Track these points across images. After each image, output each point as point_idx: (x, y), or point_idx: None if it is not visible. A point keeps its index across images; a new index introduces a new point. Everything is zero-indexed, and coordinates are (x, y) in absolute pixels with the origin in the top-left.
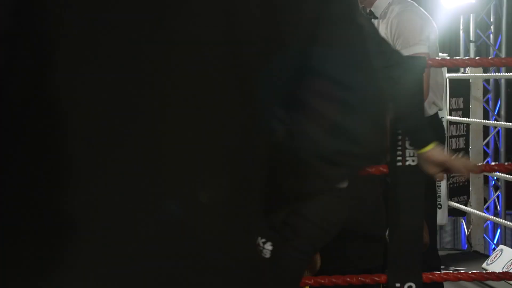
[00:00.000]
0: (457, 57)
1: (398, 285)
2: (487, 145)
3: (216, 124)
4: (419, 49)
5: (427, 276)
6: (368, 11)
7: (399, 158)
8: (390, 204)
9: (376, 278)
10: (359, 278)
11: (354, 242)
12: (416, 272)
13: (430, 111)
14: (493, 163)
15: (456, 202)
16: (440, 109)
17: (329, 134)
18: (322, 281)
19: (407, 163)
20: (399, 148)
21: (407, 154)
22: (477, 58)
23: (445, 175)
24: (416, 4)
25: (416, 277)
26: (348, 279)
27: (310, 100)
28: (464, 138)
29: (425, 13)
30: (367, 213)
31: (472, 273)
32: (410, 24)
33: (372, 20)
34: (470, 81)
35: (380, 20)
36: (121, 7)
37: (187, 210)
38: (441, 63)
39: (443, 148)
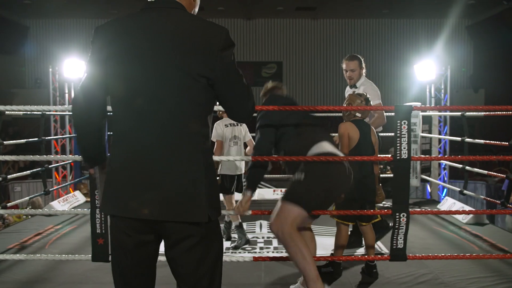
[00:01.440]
0: (426, 105)
1: (397, 214)
2: (440, 147)
3: None
4: (378, 102)
5: (413, 211)
6: (353, 85)
7: (398, 154)
8: (394, 176)
9: (384, 211)
10: (371, 211)
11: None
12: (406, 208)
13: (379, 129)
14: (441, 156)
15: (425, 175)
16: (381, 130)
17: None
18: (347, 212)
19: (402, 157)
20: (398, 149)
21: (403, 153)
22: (435, 106)
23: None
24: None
25: (406, 210)
26: (365, 211)
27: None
28: (429, 144)
29: (376, 87)
30: (365, 190)
31: (432, 210)
32: (374, 92)
33: (353, 88)
34: (432, 116)
35: (356, 88)
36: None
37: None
38: (419, 108)
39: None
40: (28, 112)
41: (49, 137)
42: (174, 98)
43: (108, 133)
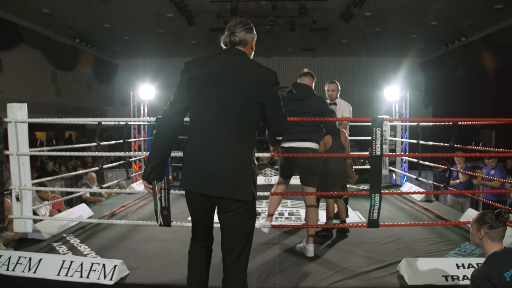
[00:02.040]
0: (393, 117)
1: (373, 194)
2: (402, 147)
3: None
4: (349, 114)
5: (384, 192)
6: (333, 101)
7: (373, 151)
8: (371, 167)
9: (363, 192)
10: (354, 192)
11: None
12: (379, 190)
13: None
14: (402, 153)
15: (391, 167)
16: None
17: None
18: (333, 193)
19: (377, 153)
20: (373, 148)
21: (377, 151)
22: (399, 118)
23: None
24: (346, 101)
25: (379, 192)
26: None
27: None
28: (394, 145)
29: (349, 104)
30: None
31: (396, 192)
32: (347, 106)
33: (332, 105)
34: (396, 125)
35: (334, 105)
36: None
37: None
38: (388, 119)
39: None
40: (116, 123)
41: (130, 140)
42: (238, 112)
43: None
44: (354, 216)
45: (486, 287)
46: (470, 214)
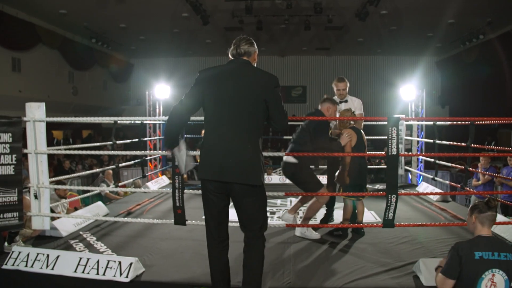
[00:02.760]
0: (409, 117)
1: (389, 195)
2: (418, 147)
3: None
4: (360, 112)
5: (400, 193)
6: (343, 99)
7: (389, 151)
8: (387, 167)
9: (380, 193)
10: (370, 193)
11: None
12: (395, 190)
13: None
14: (419, 153)
15: (407, 166)
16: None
17: None
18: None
19: (393, 153)
20: (389, 147)
21: (393, 151)
22: (415, 117)
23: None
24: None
25: (395, 192)
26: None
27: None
28: (410, 144)
29: (358, 98)
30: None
31: (412, 192)
32: (359, 103)
33: (342, 102)
34: (412, 124)
35: (345, 103)
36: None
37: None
38: (404, 118)
39: None
40: (132, 122)
41: (145, 139)
42: (246, 111)
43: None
44: (369, 216)
45: (452, 257)
46: None
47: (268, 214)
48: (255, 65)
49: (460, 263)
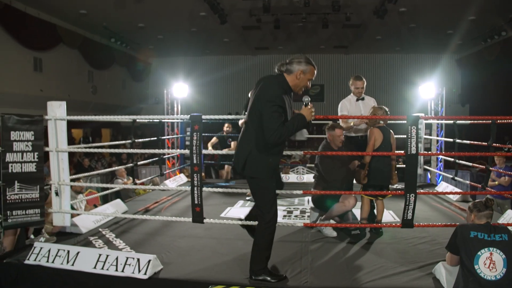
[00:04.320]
0: (428, 115)
1: (408, 194)
2: (437, 146)
3: None
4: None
5: (419, 192)
6: (360, 98)
7: (408, 150)
8: (406, 166)
9: (398, 192)
10: (389, 192)
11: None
12: (414, 190)
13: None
14: (438, 152)
15: (426, 166)
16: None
17: None
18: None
19: (412, 152)
20: (408, 146)
21: (412, 150)
22: (435, 116)
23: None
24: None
25: (414, 192)
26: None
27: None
28: (429, 144)
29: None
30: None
31: (431, 191)
32: (374, 103)
33: (360, 100)
34: (432, 123)
35: (361, 101)
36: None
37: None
38: (424, 117)
39: None
40: (150, 120)
41: (163, 137)
42: (255, 121)
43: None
44: (388, 216)
45: (453, 234)
46: (510, 215)
47: (286, 213)
48: (297, 84)
49: (456, 239)
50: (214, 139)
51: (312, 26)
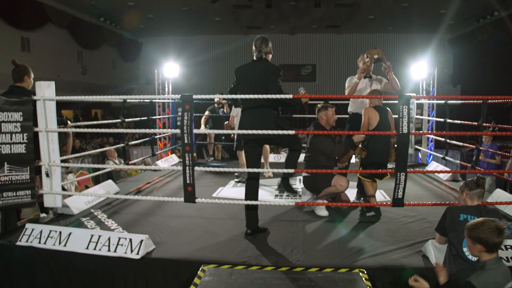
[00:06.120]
0: (419, 95)
1: (398, 173)
2: (428, 126)
3: None
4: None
5: (409, 171)
6: (368, 75)
7: (400, 130)
8: (397, 146)
9: (388, 170)
10: (379, 171)
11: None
12: (405, 169)
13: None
14: (429, 131)
15: (417, 145)
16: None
17: None
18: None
19: (404, 132)
20: (400, 126)
21: (404, 129)
22: (426, 95)
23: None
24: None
25: (405, 171)
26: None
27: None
28: (420, 123)
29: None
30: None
31: (422, 170)
32: (379, 82)
33: (367, 77)
34: (423, 103)
35: (368, 78)
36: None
37: None
38: (415, 97)
39: None
40: (141, 101)
41: (154, 117)
42: (261, 89)
43: None
44: (379, 195)
45: (442, 216)
46: (498, 195)
47: (277, 192)
48: (269, 58)
49: (446, 222)
50: (206, 113)
51: (305, 5)
